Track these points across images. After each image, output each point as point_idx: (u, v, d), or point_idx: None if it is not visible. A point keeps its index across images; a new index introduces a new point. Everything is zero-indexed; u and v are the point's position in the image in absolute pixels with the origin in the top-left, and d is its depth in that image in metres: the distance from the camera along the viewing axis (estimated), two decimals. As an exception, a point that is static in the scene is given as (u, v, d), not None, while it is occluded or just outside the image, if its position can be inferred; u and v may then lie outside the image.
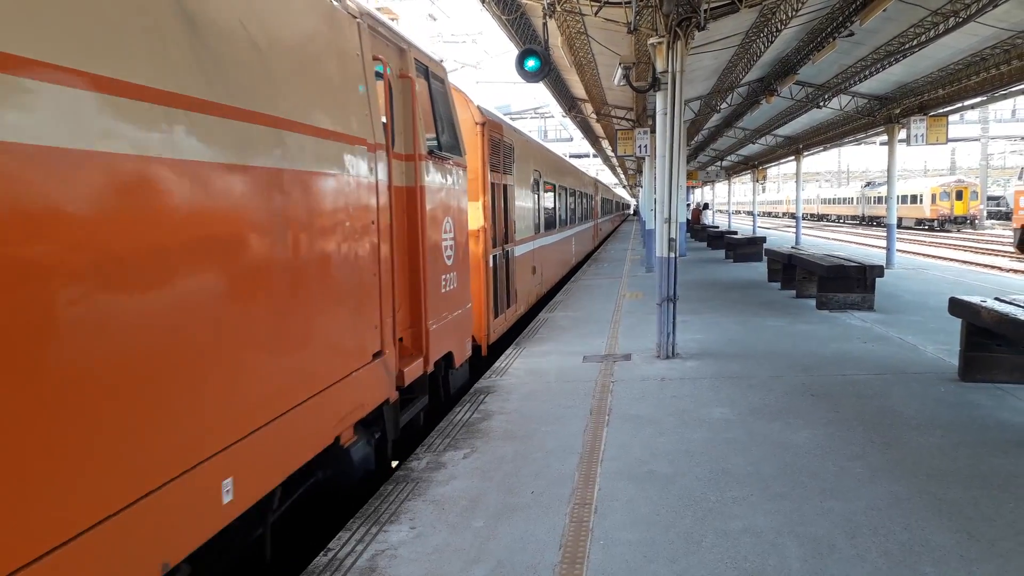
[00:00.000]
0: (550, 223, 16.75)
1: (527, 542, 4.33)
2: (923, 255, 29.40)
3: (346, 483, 4.78)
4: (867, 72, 17.07)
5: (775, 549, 4.16)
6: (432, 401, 6.97)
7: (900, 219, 47.85)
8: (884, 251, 22.10)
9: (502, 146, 10.81)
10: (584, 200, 26.37)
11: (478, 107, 9.72)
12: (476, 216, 9.22)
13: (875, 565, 3.95)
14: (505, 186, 11.02)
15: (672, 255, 9.07)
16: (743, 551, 4.14)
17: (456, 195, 7.24)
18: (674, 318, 9.21)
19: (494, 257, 10.12)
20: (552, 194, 17.22)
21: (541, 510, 4.79)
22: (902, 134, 19.98)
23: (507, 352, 9.90)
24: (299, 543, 5.07)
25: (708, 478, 5.25)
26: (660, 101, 9.13)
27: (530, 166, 13.76)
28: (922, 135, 18.62)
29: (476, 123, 9.51)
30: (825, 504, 4.75)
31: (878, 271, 12.73)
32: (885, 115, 20.82)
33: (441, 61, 7.62)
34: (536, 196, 14.42)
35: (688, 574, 3.90)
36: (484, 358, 9.59)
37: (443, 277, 6.65)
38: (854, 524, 4.45)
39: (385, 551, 4.25)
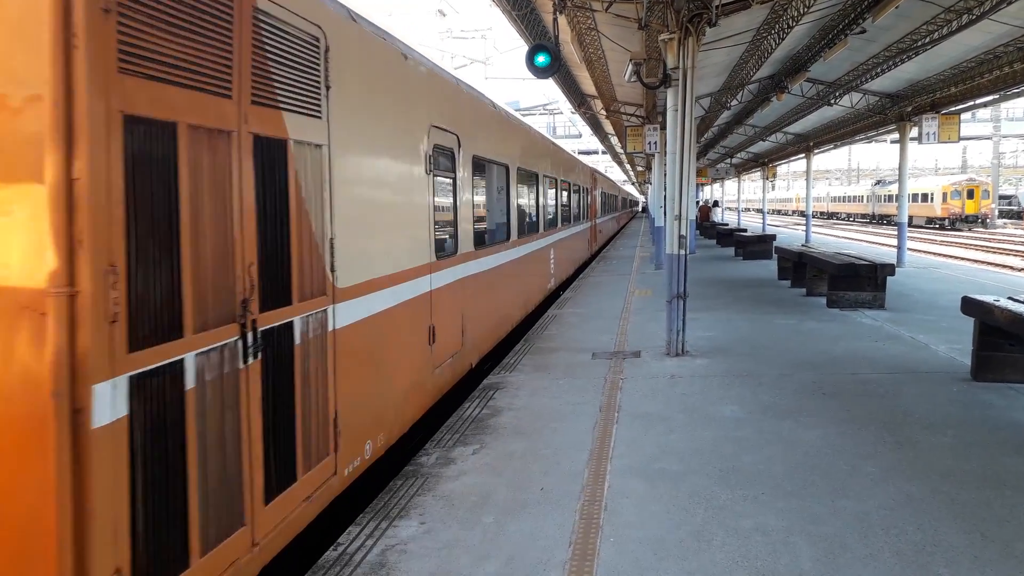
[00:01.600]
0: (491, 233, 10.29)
1: (537, 538, 4.32)
2: (934, 254, 29.24)
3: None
4: (879, 69, 16.96)
5: (786, 548, 4.14)
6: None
7: (911, 218, 47.52)
8: (895, 249, 21.98)
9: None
10: (573, 195, 19.04)
11: None
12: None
13: (888, 565, 3.93)
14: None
15: (682, 252, 9.04)
16: (754, 550, 4.12)
17: None
18: (684, 315, 9.18)
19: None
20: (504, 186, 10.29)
21: (551, 507, 4.77)
22: (914, 132, 19.85)
23: (515, 348, 9.89)
24: (307, 538, 5.06)
25: (718, 476, 5.22)
26: (671, 97, 9.09)
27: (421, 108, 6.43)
28: (934, 133, 18.48)
29: None
30: (837, 503, 4.73)
31: (889, 269, 12.65)
32: (897, 113, 20.69)
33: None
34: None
35: (699, 573, 3.89)
36: (490, 355, 9.62)
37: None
38: (866, 523, 4.42)
39: (395, 546, 4.25)
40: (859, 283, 12.69)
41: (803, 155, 32.48)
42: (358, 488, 5.28)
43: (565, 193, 17.28)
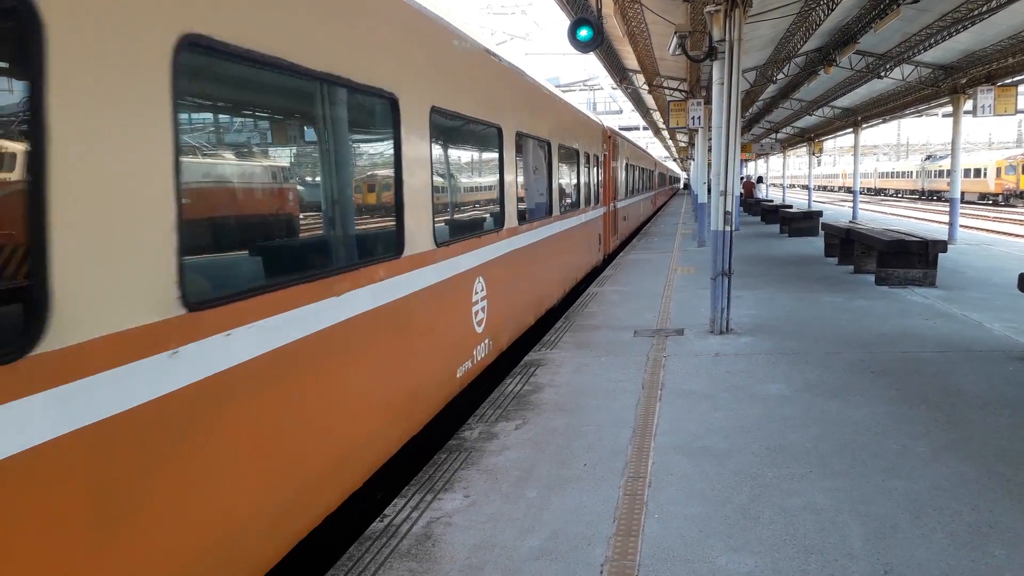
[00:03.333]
0: None
1: (581, 513, 4.32)
2: (987, 231, 28.39)
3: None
4: (932, 40, 16.40)
5: (835, 527, 4.07)
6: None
7: (963, 193, 46.20)
8: (946, 226, 21.41)
9: None
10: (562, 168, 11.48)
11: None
12: None
13: (941, 546, 3.84)
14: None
15: (727, 228, 8.89)
16: (802, 528, 4.07)
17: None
18: (728, 293, 9.05)
19: None
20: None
21: (594, 482, 4.76)
22: (967, 105, 19.24)
23: (556, 326, 9.86)
24: (353, 509, 5.13)
25: (765, 454, 5.15)
26: (716, 71, 8.91)
27: None
28: (989, 106, 17.88)
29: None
30: (887, 483, 4.63)
31: (941, 246, 12.32)
32: (950, 85, 20.05)
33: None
34: None
35: (745, 550, 3.85)
36: (532, 330, 9.58)
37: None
38: (918, 504, 4.33)
39: (440, 518, 4.28)
40: (909, 260, 12.38)
41: (850, 130, 31.72)
42: (405, 456, 5.32)
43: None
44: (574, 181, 12.63)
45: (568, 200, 12.01)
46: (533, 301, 9.36)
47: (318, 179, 4.54)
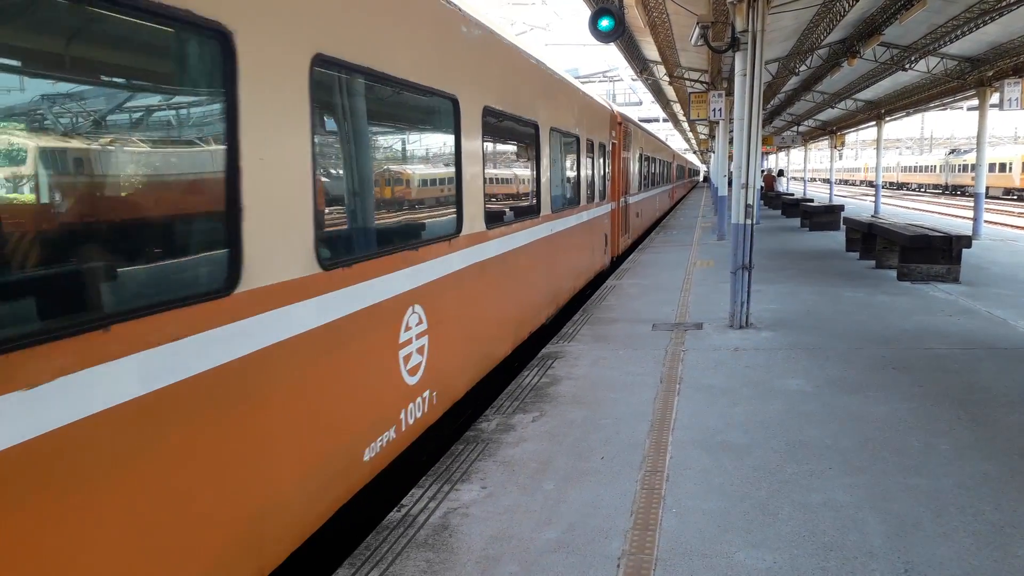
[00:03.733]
0: None
1: (598, 507, 4.30)
2: (1012, 226, 27.98)
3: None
4: (959, 32, 16.12)
5: (855, 524, 4.03)
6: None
7: (987, 188, 45.56)
8: (970, 221, 21.12)
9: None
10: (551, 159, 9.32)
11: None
12: None
13: (963, 545, 3.79)
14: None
15: (748, 221, 8.81)
16: (822, 525, 4.03)
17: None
18: (748, 287, 8.98)
19: None
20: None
21: (611, 476, 4.75)
22: (994, 98, 18.92)
23: (573, 319, 9.83)
24: (370, 499, 5.15)
25: (784, 450, 5.11)
26: (739, 62, 8.82)
27: None
28: (1016, 99, 17.57)
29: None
30: (909, 480, 4.58)
31: (965, 241, 12.15)
32: (976, 78, 19.72)
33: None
34: None
35: (764, 546, 3.82)
36: (546, 325, 9.56)
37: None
38: (940, 502, 4.28)
39: (457, 509, 4.29)
40: (932, 255, 12.22)
41: (873, 123, 31.31)
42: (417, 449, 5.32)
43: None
44: (572, 173, 10.81)
45: (564, 196, 10.15)
46: (509, 326, 7.43)
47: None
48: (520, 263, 7.68)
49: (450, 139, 5.72)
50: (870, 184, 69.45)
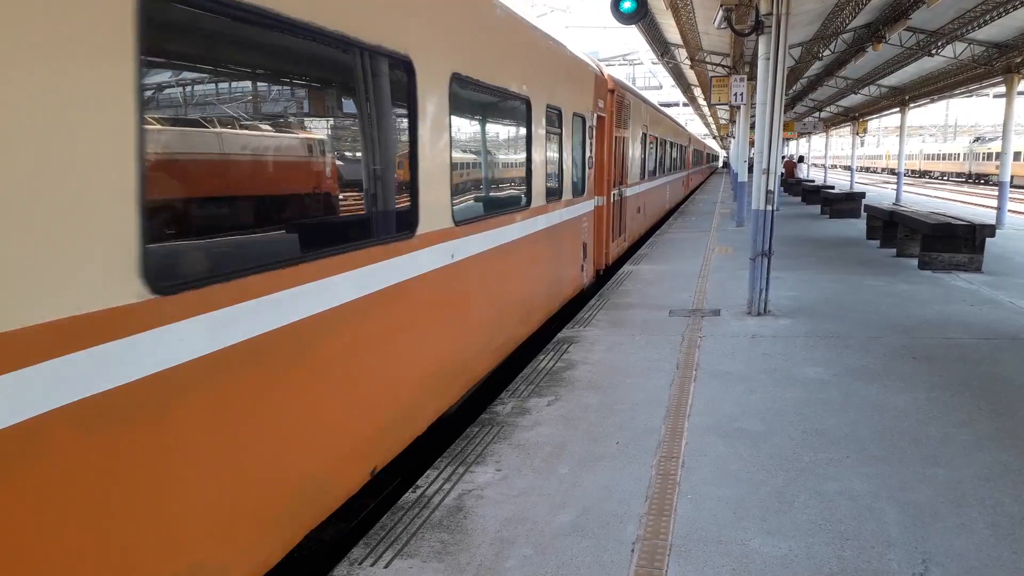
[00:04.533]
0: None
1: (612, 491, 4.30)
2: (1037, 216, 27.57)
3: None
4: (988, 17, 15.82)
5: (872, 514, 4.00)
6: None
7: (1012, 177, 44.86)
8: (994, 210, 20.82)
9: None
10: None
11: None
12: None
13: (982, 537, 3.76)
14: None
15: (769, 208, 8.73)
16: (838, 514, 4.00)
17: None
18: (768, 274, 8.90)
19: None
20: None
21: (626, 460, 4.74)
22: (1022, 85, 18.60)
23: (590, 304, 9.81)
24: (386, 480, 5.18)
25: (801, 438, 5.08)
26: (763, 45, 8.70)
27: None
28: (1045, 86, 17.26)
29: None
30: (927, 471, 4.54)
31: (988, 231, 11.99)
32: (1004, 64, 19.38)
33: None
34: None
35: (780, 534, 3.80)
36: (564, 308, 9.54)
37: None
38: (959, 493, 4.23)
39: (472, 491, 4.29)
40: (955, 244, 12.08)
41: (897, 109, 30.90)
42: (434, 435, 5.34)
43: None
44: (521, 156, 7.21)
45: (493, 197, 6.72)
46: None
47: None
48: (390, 316, 4.43)
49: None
50: (892, 172, 68.64)
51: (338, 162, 4.08)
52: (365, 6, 3.90)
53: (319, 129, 3.96)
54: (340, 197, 4.16)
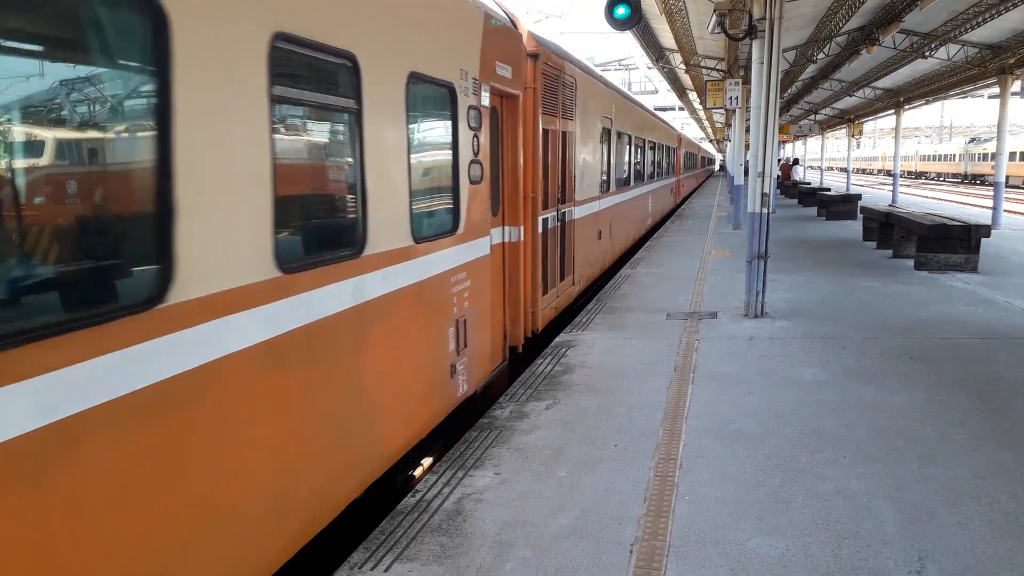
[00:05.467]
0: None
1: (611, 493, 4.32)
2: (1032, 216, 27.64)
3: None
4: (980, 19, 15.89)
5: (869, 513, 4.03)
6: None
7: (1007, 177, 44.95)
8: (990, 211, 20.88)
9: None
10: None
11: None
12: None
13: (978, 534, 3.78)
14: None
15: (764, 210, 8.77)
16: (835, 513, 4.03)
17: None
18: (764, 276, 8.94)
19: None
20: None
21: (625, 463, 4.76)
22: (1015, 86, 18.69)
23: (587, 308, 9.83)
24: (385, 485, 5.19)
25: (798, 439, 5.11)
26: (756, 50, 8.76)
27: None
28: (1039, 87, 17.34)
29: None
30: (924, 470, 4.57)
31: (984, 231, 12.04)
32: (998, 65, 19.47)
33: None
34: None
35: (777, 533, 3.82)
36: (567, 309, 9.53)
37: None
38: (955, 492, 4.26)
39: (471, 495, 4.32)
40: (951, 245, 12.12)
41: (892, 111, 31.02)
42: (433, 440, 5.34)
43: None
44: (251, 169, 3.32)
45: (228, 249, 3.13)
46: None
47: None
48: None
49: None
50: (888, 173, 68.84)
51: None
52: None
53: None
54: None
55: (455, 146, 5.45)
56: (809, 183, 39.77)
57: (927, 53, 19.44)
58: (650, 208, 20.15)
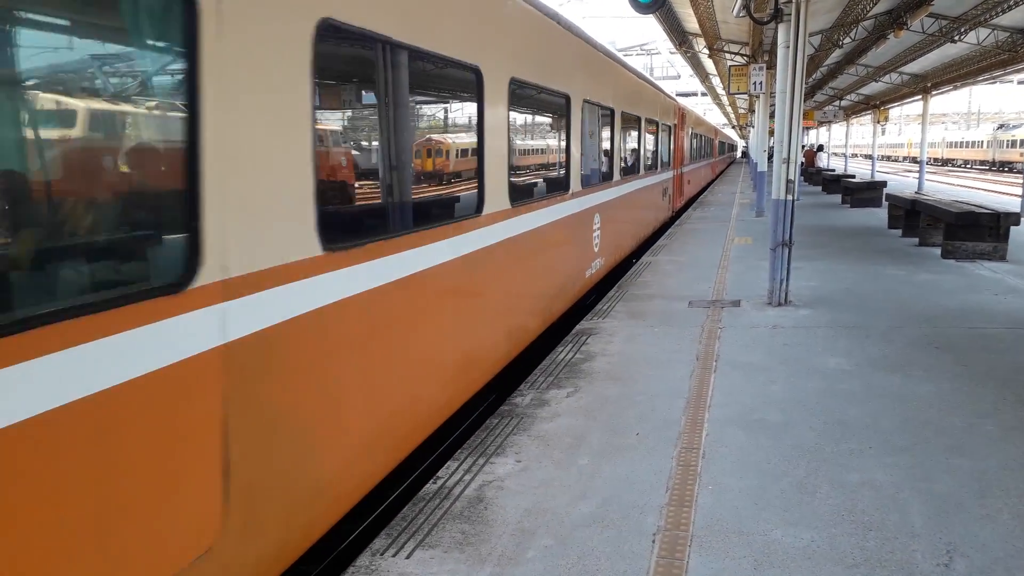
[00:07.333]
0: None
1: (633, 482, 4.30)
2: (1062, 204, 27.12)
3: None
4: (1012, 1, 15.57)
5: (896, 504, 3.97)
6: None
7: (1037, 165, 44.08)
8: (1019, 198, 20.52)
9: None
10: None
11: None
12: None
13: (1007, 527, 3.72)
14: None
15: (789, 197, 8.66)
16: (861, 504, 3.98)
17: None
18: (788, 264, 8.84)
19: None
20: None
21: (646, 452, 4.73)
22: (1047, 71, 18.26)
23: (608, 295, 9.79)
24: (406, 472, 5.21)
25: (823, 429, 5.05)
26: (782, 34, 8.63)
27: None
28: (1071, 71, 16.97)
29: None
30: (951, 461, 4.50)
31: (1013, 219, 11.83)
32: (1029, 49, 19.06)
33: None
34: None
35: (801, 524, 3.78)
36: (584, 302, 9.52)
37: None
38: (984, 483, 4.20)
39: (492, 482, 4.31)
40: (979, 233, 11.92)
41: (919, 97, 30.50)
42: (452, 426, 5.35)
43: None
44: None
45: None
46: None
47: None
48: None
49: None
50: (914, 160, 67.92)
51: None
52: None
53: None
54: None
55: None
56: (833, 170, 39.31)
57: (956, 37, 19.07)
58: (651, 214, 15.68)
